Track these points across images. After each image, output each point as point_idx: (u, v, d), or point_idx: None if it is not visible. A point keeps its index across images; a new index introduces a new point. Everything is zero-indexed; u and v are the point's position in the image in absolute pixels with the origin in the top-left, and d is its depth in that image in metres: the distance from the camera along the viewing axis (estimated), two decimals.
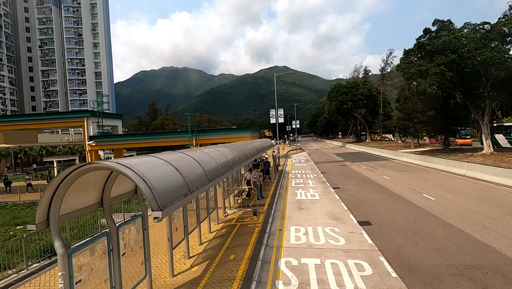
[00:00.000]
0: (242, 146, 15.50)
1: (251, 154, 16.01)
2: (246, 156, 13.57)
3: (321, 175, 23.25)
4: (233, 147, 13.24)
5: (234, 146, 13.79)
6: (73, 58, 76.60)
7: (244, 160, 13.75)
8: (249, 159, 15.27)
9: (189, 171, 6.00)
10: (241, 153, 13.60)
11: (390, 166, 26.31)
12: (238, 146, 14.64)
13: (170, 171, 5.26)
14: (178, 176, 5.32)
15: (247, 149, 15.26)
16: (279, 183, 19.58)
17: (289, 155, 45.69)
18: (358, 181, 19.61)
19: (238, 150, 13.37)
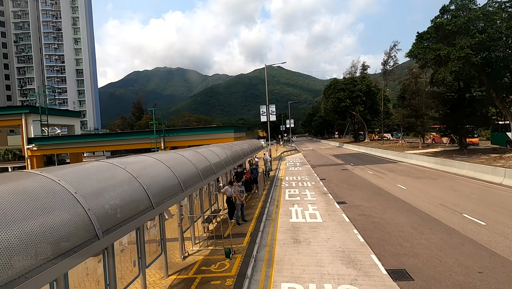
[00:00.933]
0: (221, 149, 11.49)
1: (231, 160, 12.00)
2: (216, 166, 9.51)
3: (320, 183, 19.33)
4: (201, 153, 9.19)
5: (204, 152, 9.75)
6: (51, 54, 71.44)
7: (219, 170, 9.71)
8: (228, 167, 11.25)
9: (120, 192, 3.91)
10: (215, 160, 9.61)
11: (400, 170, 22.54)
12: (212, 150, 10.61)
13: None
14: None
15: (223, 155, 11.22)
16: (269, 195, 15.57)
17: (282, 157, 41.76)
18: (368, 192, 15.72)
19: (209, 156, 9.34)
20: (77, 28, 75.43)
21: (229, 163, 11.47)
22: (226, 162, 10.68)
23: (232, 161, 12.11)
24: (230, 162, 11.39)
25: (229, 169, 12.00)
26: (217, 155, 10.56)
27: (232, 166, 12.02)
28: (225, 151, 11.91)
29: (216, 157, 10.43)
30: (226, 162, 10.90)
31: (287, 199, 15.12)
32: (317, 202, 14.15)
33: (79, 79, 75.96)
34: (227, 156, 11.75)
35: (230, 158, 12.28)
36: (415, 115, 31.23)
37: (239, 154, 13.44)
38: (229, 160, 11.51)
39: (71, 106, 72.50)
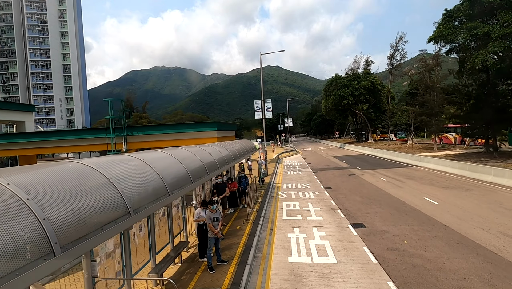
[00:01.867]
0: (192, 154, 7.88)
1: (207, 169, 8.39)
2: (192, 174, 5.84)
3: (325, 193, 15.77)
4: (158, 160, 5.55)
5: (176, 154, 6.10)
6: (36, 49, 67.39)
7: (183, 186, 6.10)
8: (202, 179, 7.63)
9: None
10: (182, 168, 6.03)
11: (419, 176, 19.03)
12: (179, 154, 6.99)
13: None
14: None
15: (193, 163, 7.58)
16: (262, 212, 11.97)
17: (280, 159, 38.24)
18: (389, 208, 12.17)
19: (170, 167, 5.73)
20: (64, 21, 71.42)
21: (198, 175, 7.92)
22: (194, 173, 7.13)
23: (209, 169, 8.56)
24: (201, 173, 7.83)
25: (206, 179, 8.47)
26: (183, 161, 7.00)
27: (207, 177, 8.48)
28: (197, 155, 8.34)
29: (184, 163, 6.91)
30: (196, 172, 7.35)
31: (285, 218, 11.53)
32: (324, 223, 10.58)
33: (66, 75, 71.95)
34: (201, 163, 8.21)
35: (206, 166, 8.73)
36: (430, 113, 27.75)
37: (221, 159, 9.92)
38: (201, 169, 7.96)
39: (57, 104, 68.57)
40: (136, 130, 16.17)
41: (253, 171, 23.48)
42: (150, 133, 15.59)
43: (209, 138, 14.08)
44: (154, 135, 15.45)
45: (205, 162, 8.45)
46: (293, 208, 12.98)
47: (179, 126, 15.00)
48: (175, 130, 15.18)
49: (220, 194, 10.40)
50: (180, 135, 14.71)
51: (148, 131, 15.86)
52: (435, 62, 29.32)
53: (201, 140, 13.83)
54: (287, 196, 15.69)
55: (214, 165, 9.13)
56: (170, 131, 15.34)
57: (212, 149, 10.10)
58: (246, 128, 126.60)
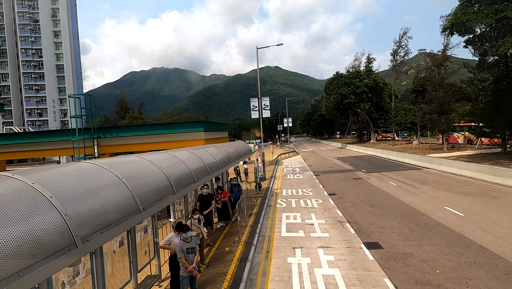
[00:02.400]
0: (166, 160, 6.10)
1: (194, 176, 6.56)
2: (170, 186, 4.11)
3: (330, 201, 13.96)
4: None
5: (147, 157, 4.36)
6: (28, 48, 65.49)
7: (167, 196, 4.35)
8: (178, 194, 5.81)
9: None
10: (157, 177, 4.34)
11: (433, 180, 17.21)
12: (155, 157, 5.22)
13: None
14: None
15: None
16: (257, 227, 10.14)
17: (279, 160, 36.43)
18: (406, 220, 10.35)
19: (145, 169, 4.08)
20: (57, 20, 69.54)
21: (181, 184, 6.09)
22: (177, 182, 5.31)
23: (196, 177, 6.74)
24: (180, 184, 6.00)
25: (191, 189, 6.65)
26: (165, 169, 5.20)
27: (193, 186, 6.65)
28: (182, 158, 6.50)
29: (158, 171, 5.16)
30: (179, 181, 5.51)
31: (284, 234, 9.70)
32: (332, 242, 8.77)
33: (59, 75, 70.05)
34: (186, 169, 6.38)
35: (193, 171, 6.92)
36: (439, 111, 25.92)
37: (205, 165, 8.09)
38: (186, 177, 6.14)
39: (50, 105, 66.69)
40: (109, 131, 13.41)
41: (250, 175, 21.68)
42: (126, 135, 13.02)
43: (196, 141, 12.14)
44: (131, 138, 12.87)
45: (192, 167, 6.77)
46: (294, 221, 11.16)
47: (161, 126, 12.64)
48: (156, 132, 12.63)
49: (204, 209, 8.57)
50: (162, 137, 12.49)
51: (123, 133, 13.19)
52: (444, 57, 27.54)
53: (186, 143, 11.88)
54: (287, 204, 13.87)
55: (203, 171, 7.42)
56: (150, 133, 12.79)
57: (202, 152, 8.32)
58: (245, 128, 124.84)
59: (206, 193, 8.76)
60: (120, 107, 61.01)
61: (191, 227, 7.02)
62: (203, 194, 8.75)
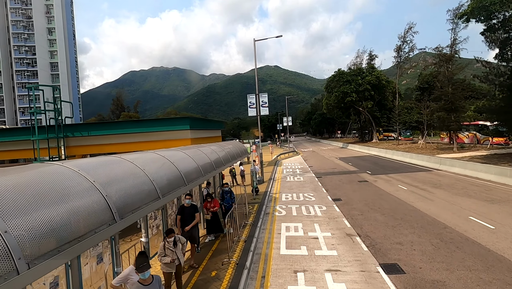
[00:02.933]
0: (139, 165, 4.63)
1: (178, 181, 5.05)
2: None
3: (335, 208, 12.42)
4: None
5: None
6: (20, 46, 63.79)
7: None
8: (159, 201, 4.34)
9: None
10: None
11: (447, 184, 15.66)
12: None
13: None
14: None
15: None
16: (251, 244, 8.58)
17: (279, 161, 34.91)
18: (427, 234, 8.81)
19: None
20: (51, 17, 67.80)
21: (165, 191, 4.56)
22: (162, 188, 3.85)
23: (176, 184, 5.20)
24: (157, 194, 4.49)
25: (173, 197, 5.12)
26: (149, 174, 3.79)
27: (173, 194, 5.11)
28: (168, 158, 4.98)
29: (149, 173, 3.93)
30: (165, 187, 4.03)
31: (283, 252, 8.15)
32: (341, 263, 7.22)
33: (53, 73, 68.38)
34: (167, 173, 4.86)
35: (183, 174, 5.38)
36: (449, 108, 24.33)
37: (196, 169, 6.53)
38: (171, 183, 4.62)
39: (43, 103, 64.94)
40: (79, 129, 11.29)
41: (246, 177, 20.15)
42: (99, 134, 10.85)
43: (180, 141, 10.51)
44: (105, 137, 10.79)
45: (177, 171, 5.31)
46: (295, 233, 9.61)
47: (139, 124, 10.65)
48: (133, 130, 10.57)
49: (187, 223, 7.00)
50: (140, 137, 10.78)
51: (96, 131, 10.93)
52: (453, 51, 25.99)
53: (169, 143, 10.29)
54: (287, 212, 12.32)
55: (189, 175, 6.02)
56: (126, 131, 10.65)
57: (192, 152, 6.76)
58: (244, 128, 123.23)
59: (189, 204, 7.19)
60: (115, 106, 59.28)
61: (165, 252, 5.47)
62: (184, 205, 7.18)
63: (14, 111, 64.30)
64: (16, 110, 64.08)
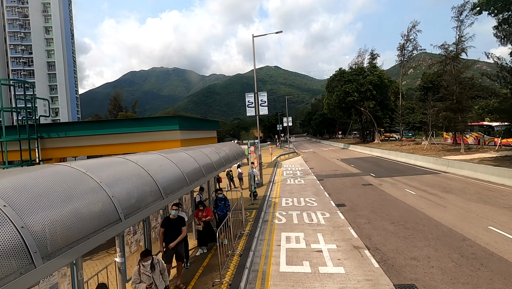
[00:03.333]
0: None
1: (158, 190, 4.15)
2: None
3: (339, 214, 11.47)
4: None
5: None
6: (17, 45, 62.86)
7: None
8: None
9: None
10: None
11: (459, 188, 14.71)
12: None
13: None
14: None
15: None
16: (246, 259, 7.63)
17: (278, 162, 33.97)
18: (445, 248, 7.86)
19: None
20: (48, 16, 66.89)
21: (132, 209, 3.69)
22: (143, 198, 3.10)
23: (164, 191, 4.29)
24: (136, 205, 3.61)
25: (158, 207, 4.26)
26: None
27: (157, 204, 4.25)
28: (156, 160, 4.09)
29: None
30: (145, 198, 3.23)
31: (283, 270, 7.19)
32: (350, 283, 6.30)
33: (50, 73, 67.44)
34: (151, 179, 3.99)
35: (160, 187, 4.49)
36: (456, 108, 23.35)
37: (195, 171, 5.61)
38: (151, 194, 3.77)
39: (40, 104, 64.02)
40: (55, 129, 10.05)
41: (245, 179, 19.19)
42: (78, 135, 9.75)
43: (168, 142, 9.50)
44: (85, 138, 9.75)
45: (162, 178, 4.74)
46: (296, 245, 8.65)
47: (123, 123, 9.17)
48: (116, 130, 9.65)
49: (171, 238, 6.03)
50: (124, 138, 9.55)
51: (74, 132, 9.77)
52: (460, 49, 25.02)
53: (156, 145, 9.29)
54: (287, 219, 11.36)
55: (180, 181, 5.24)
56: (109, 132, 9.71)
57: (183, 155, 5.84)
58: (244, 128, 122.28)
59: (175, 215, 6.22)
60: (112, 106, 58.24)
61: (140, 277, 4.51)
62: (170, 216, 6.21)
63: (10, 112, 63.34)
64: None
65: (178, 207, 6.29)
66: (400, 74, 43.62)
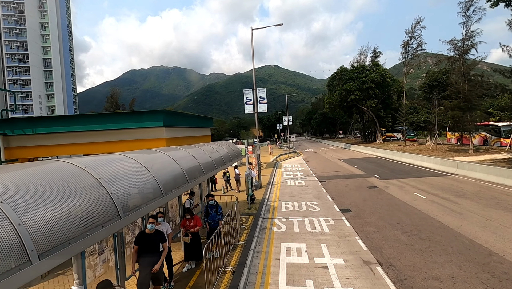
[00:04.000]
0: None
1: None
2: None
3: (344, 221, 10.41)
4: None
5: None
6: (12, 41, 61.64)
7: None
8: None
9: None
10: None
11: (472, 192, 13.64)
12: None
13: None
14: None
15: None
16: (241, 277, 6.54)
17: (278, 162, 32.93)
18: (469, 265, 6.80)
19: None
20: (44, 12, 65.64)
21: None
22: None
23: (142, 200, 3.34)
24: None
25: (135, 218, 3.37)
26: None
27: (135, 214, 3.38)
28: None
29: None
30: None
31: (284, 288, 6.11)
32: None
33: (47, 70, 66.24)
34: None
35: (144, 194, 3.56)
36: (465, 107, 22.23)
37: (179, 176, 4.62)
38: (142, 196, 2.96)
39: (36, 101, 62.96)
40: (21, 126, 8.48)
41: (242, 180, 18.12)
42: (48, 132, 8.47)
43: (152, 141, 8.33)
44: (57, 136, 8.53)
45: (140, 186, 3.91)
46: (298, 260, 7.58)
47: (99, 119, 8.34)
48: (92, 127, 8.42)
49: (146, 260, 4.93)
50: (101, 136, 8.01)
51: (44, 128, 8.44)
52: (469, 45, 23.88)
53: (138, 144, 8.14)
54: (287, 227, 10.29)
55: (181, 178, 4.51)
56: (83, 129, 8.40)
57: (173, 154, 4.86)
58: (243, 127, 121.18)
59: (152, 229, 5.12)
60: (109, 104, 57.06)
61: None
62: (145, 230, 5.12)
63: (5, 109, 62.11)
64: (7, 107, 61.93)
65: (156, 219, 5.20)
66: (401, 73, 42.59)
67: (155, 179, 4.20)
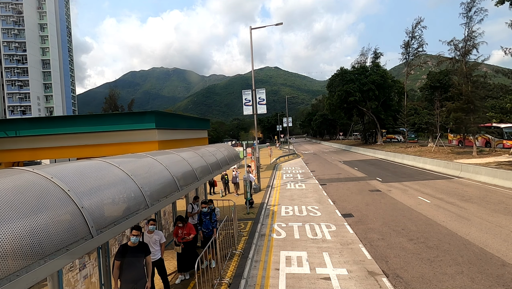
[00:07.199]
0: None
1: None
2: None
3: (347, 227, 9.97)
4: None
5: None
6: (10, 42, 61.25)
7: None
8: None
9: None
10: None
11: (478, 196, 13.19)
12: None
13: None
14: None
15: None
16: (239, 286, 6.08)
17: (278, 164, 32.48)
18: (483, 277, 6.35)
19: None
20: (43, 12, 65.32)
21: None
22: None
23: (134, 207, 2.92)
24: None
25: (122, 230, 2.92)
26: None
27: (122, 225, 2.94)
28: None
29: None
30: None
31: None
32: None
33: (45, 71, 65.84)
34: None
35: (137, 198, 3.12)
36: (468, 108, 21.82)
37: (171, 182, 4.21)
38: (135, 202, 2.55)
39: (34, 102, 62.53)
40: (5, 128, 7.98)
41: (240, 183, 17.69)
42: (32, 134, 7.95)
43: (143, 144, 7.88)
44: (41, 139, 8.00)
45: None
46: (299, 270, 7.13)
47: (86, 120, 8.04)
48: (78, 129, 7.88)
49: (129, 275, 4.48)
50: (90, 138, 7.47)
51: (27, 131, 7.91)
52: (471, 46, 23.52)
53: (129, 147, 7.68)
54: (287, 233, 9.84)
55: (170, 186, 4.15)
56: (71, 131, 7.86)
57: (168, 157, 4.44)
58: (243, 129, 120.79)
59: (135, 242, 4.67)
60: (108, 105, 56.73)
61: None
62: (128, 244, 4.67)
63: (3, 110, 61.79)
64: (5, 109, 61.56)
65: (141, 231, 4.76)
66: (402, 75, 42.25)
67: (139, 188, 3.75)
